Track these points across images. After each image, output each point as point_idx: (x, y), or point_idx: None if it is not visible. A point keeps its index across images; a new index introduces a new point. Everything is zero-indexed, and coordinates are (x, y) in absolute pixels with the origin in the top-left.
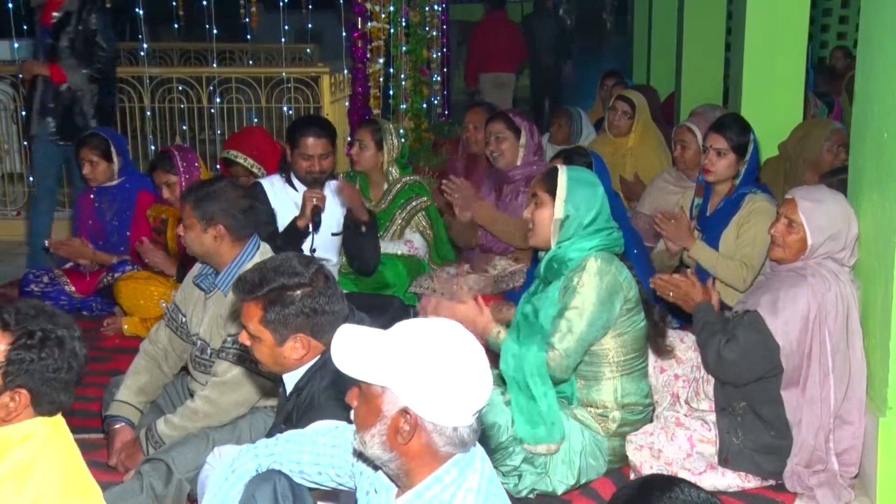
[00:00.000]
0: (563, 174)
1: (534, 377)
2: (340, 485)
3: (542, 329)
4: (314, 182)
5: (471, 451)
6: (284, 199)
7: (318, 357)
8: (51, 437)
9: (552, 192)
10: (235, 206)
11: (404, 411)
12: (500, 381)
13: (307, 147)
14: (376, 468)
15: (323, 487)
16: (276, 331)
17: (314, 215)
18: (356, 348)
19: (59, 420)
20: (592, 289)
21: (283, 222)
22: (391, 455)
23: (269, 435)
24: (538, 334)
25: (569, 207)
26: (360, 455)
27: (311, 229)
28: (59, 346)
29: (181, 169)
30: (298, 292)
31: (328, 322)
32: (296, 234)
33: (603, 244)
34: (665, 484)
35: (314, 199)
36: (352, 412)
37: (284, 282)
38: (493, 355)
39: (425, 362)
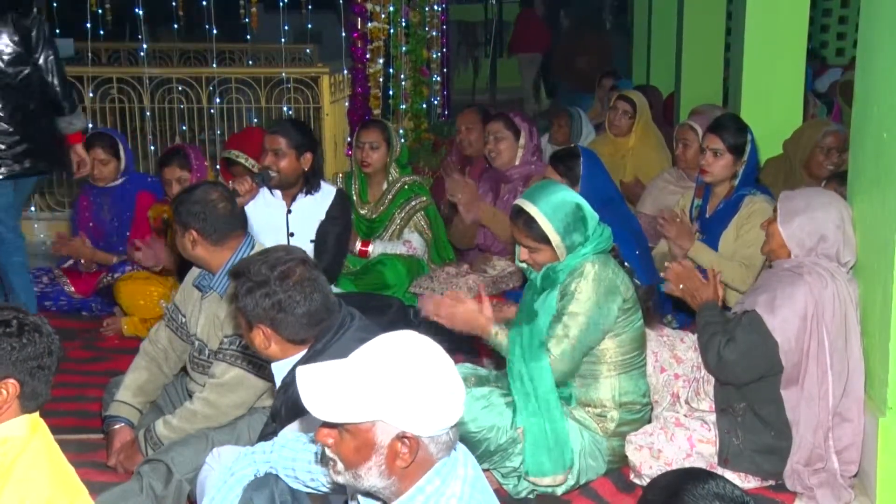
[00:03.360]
0: (539, 216)
1: (548, 390)
2: (332, 490)
3: (540, 333)
4: (260, 175)
5: (453, 458)
6: (259, 200)
7: (305, 352)
8: (28, 438)
9: (544, 240)
10: (209, 211)
11: (401, 436)
12: (500, 381)
13: (265, 142)
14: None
15: (317, 492)
16: (244, 316)
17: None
18: (331, 393)
19: (37, 420)
20: (591, 294)
21: (257, 222)
22: (390, 481)
23: (263, 433)
24: (537, 338)
25: (567, 242)
26: (342, 488)
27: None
28: (37, 331)
29: (194, 167)
30: (257, 289)
31: (290, 321)
32: None
33: (595, 248)
34: (704, 475)
35: (232, 184)
36: (326, 449)
37: (251, 276)
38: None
39: (408, 382)
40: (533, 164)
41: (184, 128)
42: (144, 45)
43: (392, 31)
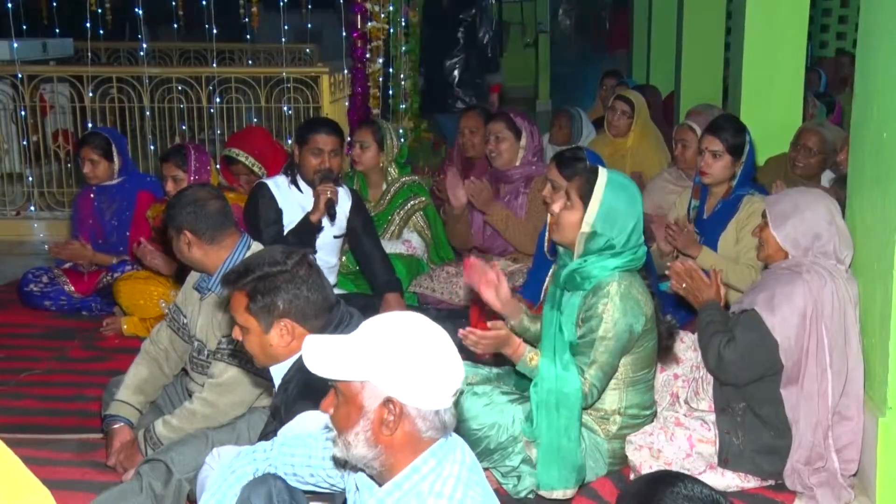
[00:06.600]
0: (601, 182)
1: (572, 410)
2: (333, 486)
3: (568, 344)
4: (324, 178)
5: (451, 442)
6: (290, 200)
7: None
8: None
9: (585, 200)
10: (199, 210)
11: (388, 401)
12: (501, 379)
13: (317, 142)
14: (357, 470)
15: (317, 489)
16: (262, 318)
17: (329, 208)
18: (328, 350)
19: None
20: (619, 316)
21: (288, 223)
22: (377, 450)
23: (263, 432)
24: (571, 357)
25: (598, 224)
26: (341, 463)
27: (325, 223)
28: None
29: (192, 168)
30: (280, 279)
31: (311, 309)
32: (308, 228)
33: (627, 264)
34: (671, 479)
35: (328, 192)
36: (328, 419)
37: (267, 270)
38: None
39: (401, 349)
40: (534, 164)
41: (184, 127)
42: (144, 45)
43: (392, 30)
